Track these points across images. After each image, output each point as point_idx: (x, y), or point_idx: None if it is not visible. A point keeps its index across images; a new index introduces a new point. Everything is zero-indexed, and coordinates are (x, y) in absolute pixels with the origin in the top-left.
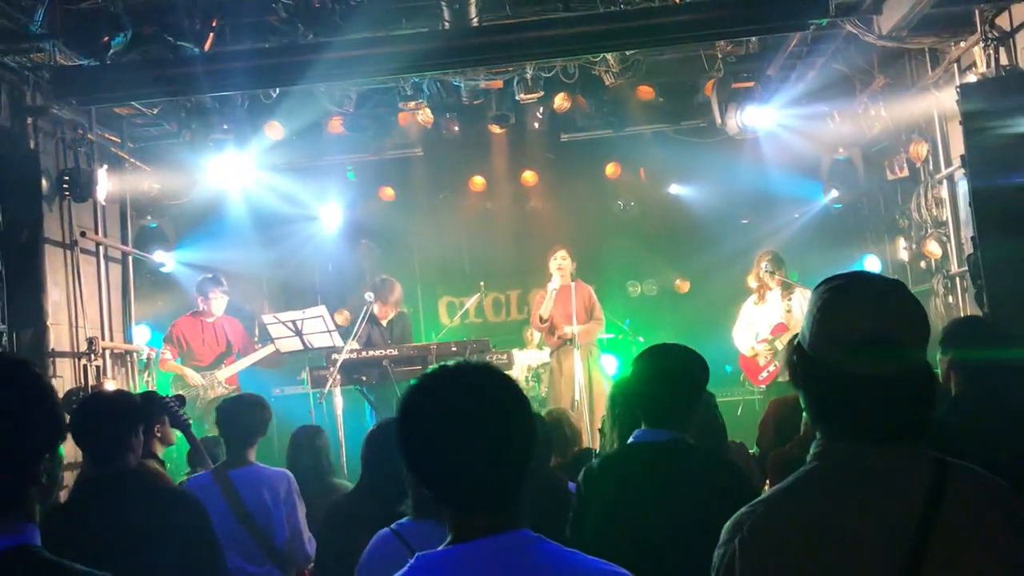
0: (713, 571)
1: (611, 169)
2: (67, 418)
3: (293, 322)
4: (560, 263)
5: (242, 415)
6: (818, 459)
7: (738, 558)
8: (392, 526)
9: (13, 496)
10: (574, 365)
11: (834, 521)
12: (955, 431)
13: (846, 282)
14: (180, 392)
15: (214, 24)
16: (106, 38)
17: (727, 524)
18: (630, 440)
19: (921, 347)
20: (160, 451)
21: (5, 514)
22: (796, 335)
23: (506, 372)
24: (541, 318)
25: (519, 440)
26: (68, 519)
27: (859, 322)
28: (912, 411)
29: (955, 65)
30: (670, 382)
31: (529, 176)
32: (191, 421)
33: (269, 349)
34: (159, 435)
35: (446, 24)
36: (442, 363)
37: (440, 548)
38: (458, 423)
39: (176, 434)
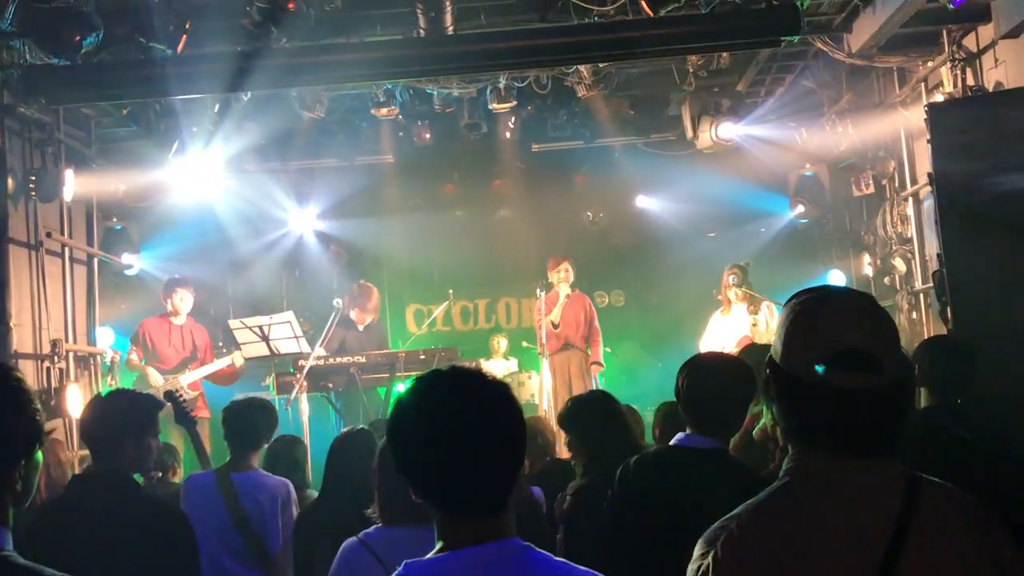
0: None
1: (580, 180)
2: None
3: (260, 327)
4: (564, 275)
5: (248, 419)
6: (790, 474)
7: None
8: (359, 536)
9: None
10: (543, 372)
11: (806, 538)
12: (919, 446)
13: (818, 295)
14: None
15: (187, 26)
16: (77, 38)
17: (700, 539)
18: (672, 442)
19: (894, 359)
20: None
21: None
22: (768, 349)
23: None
24: (554, 323)
25: (511, 445)
26: (52, 515)
27: (833, 335)
28: (885, 425)
29: (922, 84)
30: (724, 391)
31: (500, 185)
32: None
33: (225, 361)
34: None
35: (421, 32)
36: (435, 368)
37: (429, 556)
38: (451, 427)
39: None
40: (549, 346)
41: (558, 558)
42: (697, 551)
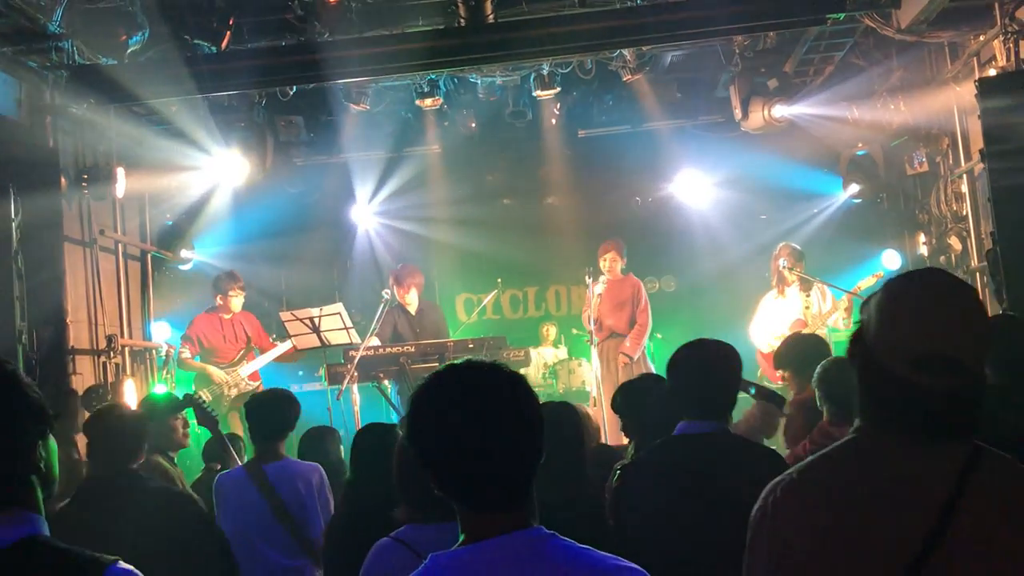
0: (748, 529)
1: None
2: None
3: (311, 319)
4: (610, 264)
5: (271, 409)
6: (857, 436)
7: (768, 518)
8: (392, 535)
9: (17, 485)
10: (593, 361)
11: (863, 491)
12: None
13: (915, 287)
14: (203, 391)
15: (231, 22)
16: (124, 37)
17: (767, 487)
18: (675, 433)
19: (981, 361)
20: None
21: (11, 506)
22: (858, 322)
23: (521, 369)
24: (591, 319)
25: (529, 437)
26: (71, 518)
27: (922, 336)
28: (962, 418)
29: (974, 59)
30: (711, 375)
31: (547, 172)
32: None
33: (287, 345)
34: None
35: (462, 21)
36: (450, 362)
37: (454, 548)
38: (467, 420)
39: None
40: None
41: (582, 545)
42: (760, 497)
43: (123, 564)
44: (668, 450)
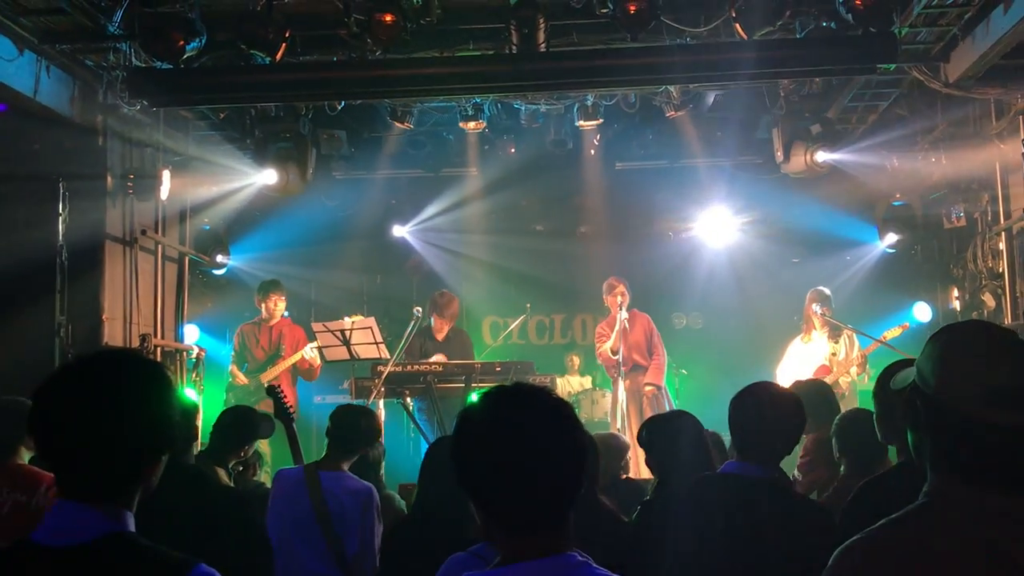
0: None
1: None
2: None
3: (342, 332)
4: (622, 299)
5: (355, 424)
6: (930, 497)
7: None
8: (469, 550)
9: (127, 488)
10: (618, 392)
11: (947, 560)
12: None
13: (972, 330)
14: (230, 394)
15: (287, 34)
16: (181, 42)
17: (838, 550)
18: (721, 470)
19: None
20: None
21: (113, 501)
22: (910, 377)
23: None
24: (612, 351)
25: (570, 464)
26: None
27: (991, 370)
28: None
29: (1020, 117)
30: (766, 419)
31: (581, 202)
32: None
33: (298, 356)
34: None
35: (513, 48)
36: (500, 384)
37: (488, 569)
38: (511, 443)
39: None
40: (615, 371)
41: (615, 574)
42: (834, 559)
43: (207, 567)
44: (709, 487)
